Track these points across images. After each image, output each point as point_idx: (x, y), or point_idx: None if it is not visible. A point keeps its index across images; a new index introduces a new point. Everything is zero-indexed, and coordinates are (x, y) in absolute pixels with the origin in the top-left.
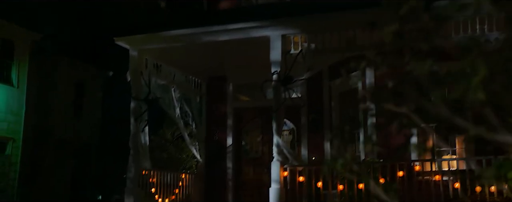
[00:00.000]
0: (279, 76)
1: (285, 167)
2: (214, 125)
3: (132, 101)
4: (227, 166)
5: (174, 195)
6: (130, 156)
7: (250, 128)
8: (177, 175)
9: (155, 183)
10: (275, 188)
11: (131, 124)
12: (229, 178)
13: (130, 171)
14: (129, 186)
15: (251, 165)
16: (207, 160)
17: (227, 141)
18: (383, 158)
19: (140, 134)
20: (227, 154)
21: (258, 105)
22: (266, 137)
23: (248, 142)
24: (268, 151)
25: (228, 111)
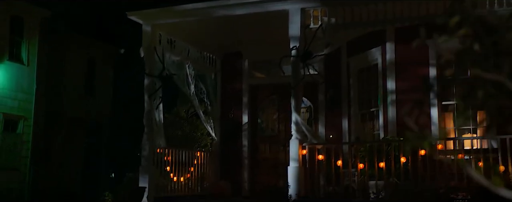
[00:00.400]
0: (298, 52)
1: (304, 145)
2: (229, 102)
3: (146, 77)
4: (243, 144)
5: (189, 174)
6: (144, 134)
7: (266, 106)
8: (192, 153)
9: (170, 161)
10: (293, 166)
11: (145, 101)
12: (245, 156)
13: (144, 149)
14: (144, 164)
15: (267, 143)
16: (222, 138)
17: (243, 119)
18: (403, 136)
19: (154, 112)
20: (243, 132)
21: (274, 81)
22: (282, 114)
23: (264, 119)
24: (285, 129)
25: (243, 88)
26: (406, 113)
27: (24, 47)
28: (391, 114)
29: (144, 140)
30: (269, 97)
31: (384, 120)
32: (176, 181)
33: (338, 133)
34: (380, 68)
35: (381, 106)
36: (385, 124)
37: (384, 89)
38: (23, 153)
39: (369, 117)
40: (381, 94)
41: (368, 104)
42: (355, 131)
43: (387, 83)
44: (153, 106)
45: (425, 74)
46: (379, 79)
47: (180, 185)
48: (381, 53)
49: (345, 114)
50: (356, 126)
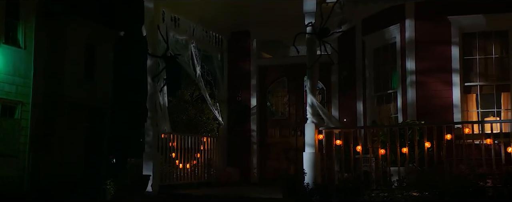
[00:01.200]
0: (314, 29)
1: (321, 130)
2: (236, 84)
3: (148, 57)
4: (251, 128)
5: (196, 160)
6: (147, 118)
7: (276, 88)
8: (198, 138)
9: (175, 147)
10: (309, 152)
11: (148, 83)
12: (253, 141)
13: (148, 134)
14: (148, 151)
15: (277, 127)
16: (230, 122)
17: (251, 102)
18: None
19: (158, 94)
20: (251, 116)
21: (284, 62)
22: (293, 97)
23: (273, 102)
24: (295, 112)
25: (251, 69)
26: (425, 95)
27: (20, 29)
28: (410, 96)
29: (147, 125)
30: (278, 79)
31: (403, 103)
32: (181, 168)
33: (352, 116)
34: (398, 47)
35: (400, 87)
36: (403, 107)
37: (403, 70)
38: (22, 140)
39: (385, 99)
40: (400, 75)
41: (385, 86)
42: (370, 115)
43: (406, 63)
44: (156, 88)
45: (447, 53)
46: (398, 59)
47: (186, 172)
48: (400, 31)
49: (359, 96)
50: (372, 109)
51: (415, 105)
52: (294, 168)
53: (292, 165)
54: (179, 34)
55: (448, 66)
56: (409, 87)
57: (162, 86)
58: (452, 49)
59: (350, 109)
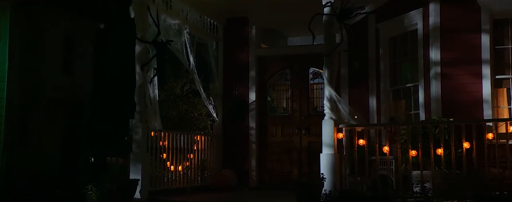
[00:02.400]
0: (333, 8)
1: (340, 127)
2: (233, 77)
3: (137, 43)
4: (249, 126)
5: (188, 161)
6: (135, 113)
7: (277, 81)
8: (192, 137)
9: (167, 146)
10: (328, 154)
11: (137, 73)
12: (252, 140)
13: (136, 132)
14: (136, 151)
15: (278, 125)
16: (225, 119)
17: (249, 96)
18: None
19: (147, 86)
20: (249, 112)
21: (286, 52)
22: (296, 91)
23: (275, 97)
24: (299, 108)
25: (250, 60)
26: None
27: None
28: (435, 90)
29: (135, 121)
30: (280, 71)
31: (425, 98)
32: (173, 170)
33: (364, 113)
34: (420, 35)
35: (422, 80)
36: (426, 102)
37: (425, 61)
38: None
39: (403, 94)
40: (422, 66)
41: (403, 79)
42: (386, 111)
43: (430, 53)
44: (146, 78)
45: (476, 42)
46: (419, 48)
47: (178, 175)
48: (422, 17)
49: (372, 90)
50: (387, 104)
51: (440, 100)
52: (298, 171)
53: (296, 168)
54: (171, 18)
55: (477, 56)
56: (434, 81)
57: (152, 77)
58: (482, 37)
59: (361, 105)
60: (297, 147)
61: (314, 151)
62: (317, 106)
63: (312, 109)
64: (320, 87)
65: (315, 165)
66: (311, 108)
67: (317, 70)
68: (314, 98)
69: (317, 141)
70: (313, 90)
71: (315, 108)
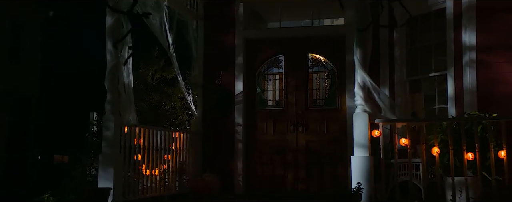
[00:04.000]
0: None
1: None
2: (216, 63)
3: (108, 14)
4: (235, 121)
5: (165, 164)
6: (106, 103)
7: (269, 69)
8: (169, 134)
9: (142, 146)
10: (361, 156)
11: (108, 52)
12: (238, 138)
13: (107, 127)
14: (106, 151)
15: (270, 121)
16: (206, 113)
17: (235, 87)
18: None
19: (121, 69)
20: (235, 105)
21: (280, 35)
22: (291, 81)
23: (266, 88)
24: (295, 101)
25: (236, 43)
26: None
27: None
28: (469, 81)
29: (106, 113)
30: (273, 58)
31: (456, 89)
32: (149, 175)
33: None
34: (450, 15)
35: (451, 69)
36: (457, 95)
37: (456, 46)
38: None
39: (425, 85)
40: (452, 52)
41: (425, 67)
42: (401, 105)
43: (462, 36)
44: (120, 59)
45: None
46: (449, 31)
47: (155, 181)
48: None
49: (385, 80)
50: (403, 97)
51: (475, 92)
52: (293, 175)
53: (291, 172)
54: None
55: None
56: (468, 69)
57: (127, 58)
58: None
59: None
60: (293, 147)
61: (313, 152)
62: (316, 98)
63: (311, 102)
64: (321, 76)
65: (314, 169)
66: (309, 100)
67: (317, 57)
68: (313, 90)
69: (317, 140)
70: (312, 81)
71: (314, 101)
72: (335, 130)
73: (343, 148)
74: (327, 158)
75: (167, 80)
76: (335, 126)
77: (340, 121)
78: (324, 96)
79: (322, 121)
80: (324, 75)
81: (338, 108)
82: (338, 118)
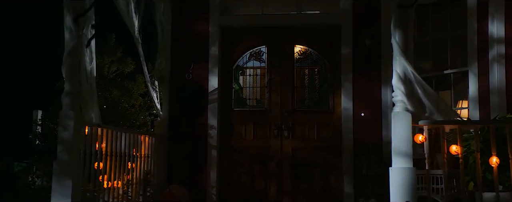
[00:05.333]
0: None
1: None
2: (186, 54)
3: None
4: (209, 123)
5: (129, 174)
6: (63, 95)
7: (249, 62)
8: (135, 138)
9: (104, 151)
10: (402, 168)
11: (67, 28)
12: (212, 144)
13: (65, 126)
14: (64, 159)
15: (250, 123)
16: (173, 113)
17: (208, 82)
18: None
19: (84, 51)
20: (209, 104)
21: (264, 23)
22: (276, 76)
23: (245, 85)
24: (280, 100)
25: (211, 31)
26: None
27: None
28: (497, 78)
29: (64, 109)
30: (254, 49)
31: (480, 88)
32: (110, 187)
33: (374, 108)
34: (472, 4)
35: (474, 65)
36: (482, 95)
37: (481, 38)
38: None
39: (437, 83)
40: (475, 46)
41: (439, 63)
42: None
43: (489, 27)
44: (82, 39)
45: None
46: (471, 21)
47: (117, 195)
48: None
49: (387, 78)
50: None
51: (504, 91)
52: (277, 188)
53: (274, 184)
54: None
55: None
56: (495, 65)
57: (90, 38)
58: None
59: (371, 98)
60: (276, 155)
61: (301, 160)
62: (305, 97)
63: (299, 101)
64: (310, 73)
65: (302, 180)
66: (296, 100)
67: (307, 49)
68: (302, 88)
69: (306, 146)
70: (300, 77)
71: (303, 101)
72: (327, 135)
73: (336, 156)
74: (318, 168)
75: (125, 75)
76: (327, 130)
77: (333, 124)
78: (314, 96)
79: (312, 124)
80: (315, 72)
81: (330, 109)
82: (330, 121)
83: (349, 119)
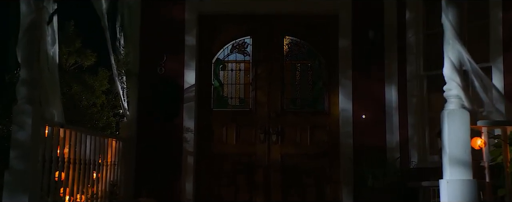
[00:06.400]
0: None
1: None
2: (158, 45)
3: None
4: (184, 126)
5: (94, 186)
6: (19, 85)
7: (232, 55)
8: (102, 142)
9: (66, 158)
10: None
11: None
12: (188, 149)
13: (21, 124)
14: (18, 167)
15: (232, 126)
16: (142, 113)
17: (185, 78)
18: None
19: (45, 29)
20: (184, 103)
21: (249, 10)
22: (264, 72)
23: (227, 81)
24: (268, 100)
25: (187, 18)
26: None
27: None
28: None
29: (19, 103)
30: (238, 40)
31: (506, 87)
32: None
33: (377, 110)
34: None
35: (499, 59)
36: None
37: (507, 29)
38: None
39: None
40: (500, 38)
41: None
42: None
43: None
44: (42, 16)
45: None
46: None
47: None
48: None
49: (392, 75)
50: (419, 98)
51: None
52: (263, 200)
53: (261, 196)
54: None
55: None
56: None
57: (52, 13)
58: None
59: (373, 98)
60: (263, 163)
61: (292, 168)
62: (297, 96)
63: (289, 101)
64: (303, 68)
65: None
66: (286, 99)
67: (298, 41)
68: (293, 86)
69: (297, 153)
70: (291, 73)
71: (294, 100)
72: (322, 140)
73: (333, 164)
74: (311, 178)
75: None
76: (322, 134)
77: (329, 128)
78: (307, 94)
79: (304, 127)
80: (308, 67)
81: (326, 110)
82: (326, 123)
83: (348, 122)
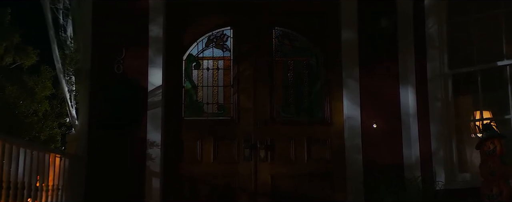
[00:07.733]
0: None
1: None
2: (115, 37)
3: None
4: (148, 139)
5: None
6: None
7: (208, 50)
8: (39, 158)
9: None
10: None
11: None
12: (153, 169)
13: None
14: None
15: (209, 139)
16: (95, 123)
17: (149, 78)
18: None
19: None
20: (148, 110)
21: None
22: (248, 71)
23: (201, 82)
24: (253, 106)
25: (151, 4)
26: None
27: None
28: None
29: None
30: (215, 31)
31: None
32: None
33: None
34: None
35: None
36: None
37: None
38: None
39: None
40: None
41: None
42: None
43: None
44: None
45: None
46: None
47: None
48: None
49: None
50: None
51: None
52: None
53: None
54: None
55: None
56: None
57: None
58: None
59: (384, 101)
60: (249, 186)
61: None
62: (289, 102)
63: (280, 107)
64: (297, 66)
65: None
66: (277, 105)
67: (291, 33)
68: (285, 88)
69: (291, 173)
70: (282, 72)
71: (286, 106)
72: (323, 157)
73: (337, 187)
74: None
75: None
76: (323, 149)
77: (332, 141)
78: (302, 99)
79: (300, 140)
80: (303, 65)
81: (326, 119)
82: (327, 136)
83: (355, 133)
